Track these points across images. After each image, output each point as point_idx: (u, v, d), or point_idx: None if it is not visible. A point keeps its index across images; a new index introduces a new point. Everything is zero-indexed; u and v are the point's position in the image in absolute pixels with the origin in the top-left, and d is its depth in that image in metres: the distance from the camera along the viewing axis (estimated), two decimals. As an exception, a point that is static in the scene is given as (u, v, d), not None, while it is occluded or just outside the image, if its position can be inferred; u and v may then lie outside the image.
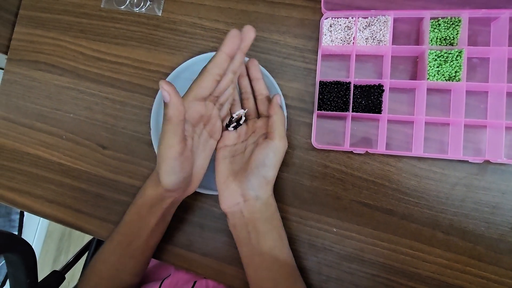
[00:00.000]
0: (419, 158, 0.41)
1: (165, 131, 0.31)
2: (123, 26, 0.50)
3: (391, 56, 0.40)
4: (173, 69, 0.47)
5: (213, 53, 0.46)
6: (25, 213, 1.24)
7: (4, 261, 0.63)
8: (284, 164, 0.44)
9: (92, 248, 0.69)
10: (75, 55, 0.51)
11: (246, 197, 0.36)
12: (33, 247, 0.56)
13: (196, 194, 0.45)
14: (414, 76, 0.42)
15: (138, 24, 0.50)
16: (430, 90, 0.40)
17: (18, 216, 1.24)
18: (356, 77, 0.42)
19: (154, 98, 0.46)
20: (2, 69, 0.55)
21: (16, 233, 1.20)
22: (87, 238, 1.25)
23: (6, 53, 0.54)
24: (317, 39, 0.44)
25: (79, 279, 0.41)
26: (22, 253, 0.58)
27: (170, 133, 0.30)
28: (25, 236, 1.20)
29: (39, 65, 0.52)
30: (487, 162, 0.39)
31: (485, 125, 0.39)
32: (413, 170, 0.41)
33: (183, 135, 0.31)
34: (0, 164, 0.52)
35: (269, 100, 0.38)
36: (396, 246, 0.40)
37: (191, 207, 0.46)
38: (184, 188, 0.37)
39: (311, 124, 0.43)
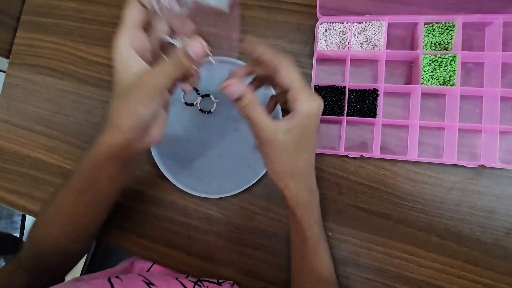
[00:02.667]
0: (414, 162, 0.41)
1: (162, 70, 0.29)
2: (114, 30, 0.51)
3: (386, 60, 0.41)
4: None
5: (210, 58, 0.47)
6: (27, 215, 1.25)
7: (4, 263, 0.64)
8: (280, 168, 0.44)
9: (91, 249, 0.69)
10: (75, 60, 0.52)
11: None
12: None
13: (192, 197, 0.45)
14: (409, 80, 0.42)
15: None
16: (425, 95, 0.40)
17: (20, 218, 1.25)
18: (351, 81, 0.42)
19: (152, 102, 0.47)
20: (4, 72, 0.56)
21: (17, 235, 1.21)
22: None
23: (8, 57, 0.55)
24: (312, 43, 0.44)
25: (28, 235, 0.38)
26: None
27: (168, 73, 0.29)
28: (27, 237, 1.21)
29: (40, 69, 0.53)
30: (482, 166, 0.39)
31: (480, 129, 0.40)
32: (408, 174, 0.41)
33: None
34: (1, 167, 0.52)
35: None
36: (392, 250, 0.40)
37: (187, 210, 0.46)
38: (144, 134, 0.32)
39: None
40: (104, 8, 0.52)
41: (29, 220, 1.23)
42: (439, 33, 0.40)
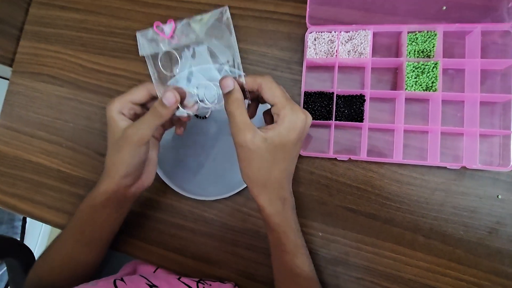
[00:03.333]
0: (400, 165, 0.43)
1: (144, 121, 0.33)
2: (121, 40, 0.53)
3: (372, 67, 0.43)
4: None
5: (206, 65, 0.49)
6: (28, 219, 1.26)
7: (5, 268, 0.65)
8: (272, 171, 0.46)
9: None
10: (76, 68, 0.54)
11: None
12: (35, 252, 0.58)
13: (187, 199, 0.47)
14: (394, 86, 0.44)
15: (135, 38, 0.52)
16: (409, 100, 0.42)
17: (20, 223, 1.26)
18: (339, 87, 0.44)
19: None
20: (7, 79, 0.58)
21: (18, 239, 1.22)
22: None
23: (11, 65, 0.57)
24: (302, 51, 0.46)
25: (32, 268, 0.42)
26: (23, 258, 0.60)
27: (148, 123, 0.33)
28: (28, 242, 1.22)
29: (42, 77, 0.55)
30: (464, 168, 0.41)
31: (462, 132, 0.41)
32: (394, 176, 0.43)
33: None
34: (3, 171, 0.54)
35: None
36: (379, 249, 0.42)
37: (183, 212, 0.47)
38: (136, 179, 0.38)
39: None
40: (103, 18, 0.54)
41: (30, 224, 1.24)
42: (421, 41, 0.42)
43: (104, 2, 0.54)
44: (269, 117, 0.39)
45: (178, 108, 0.34)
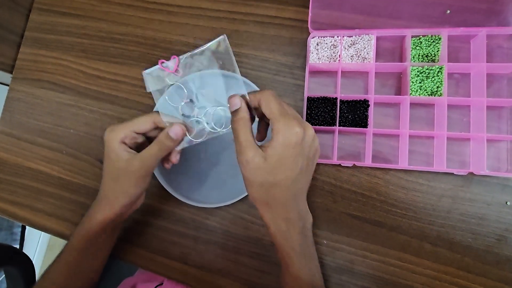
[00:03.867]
0: (406, 171, 0.42)
1: (150, 153, 0.34)
2: (121, 46, 0.53)
3: (376, 72, 0.42)
4: (170, 86, 0.49)
5: (208, 71, 0.48)
6: (27, 227, 1.25)
7: (3, 276, 0.64)
8: (275, 177, 0.45)
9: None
10: (76, 74, 0.54)
11: None
12: (34, 260, 0.57)
13: (189, 207, 0.46)
14: (398, 91, 0.43)
15: (136, 44, 0.52)
16: (414, 105, 0.42)
17: (20, 230, 1.25)
18: (342, 92, 0.43)
19: (150, 114, 0.48)
20: (7, 85, 0.58)
21: (17, 246, 1.21)
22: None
23: (11, 72, 0.56)
24: (305, 56, 0.46)
25: None
26: (21, 266, 0.59)
27: (155, 155, 0.34)
28: (27, 249, 1.21)
29: (42, 83, 0.55)
30: (472, 174, 0.40)
31: (469, 138, 0.41)
32: (400, 182, 0.42)
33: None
34: (2, 178, 0.54)
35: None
36: (385, 257, 0.41)
37: (184, 220, 0.47)
38: (131, 206, 0.39)
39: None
40: (104, 24, 0.54)
41: (29, 231, 1.24)
42: (426, 46, 0.42)
43: (104, 8, 0.54)
44: (261, 131, 0.38)
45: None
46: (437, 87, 0.40)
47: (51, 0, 0.57)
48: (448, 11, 0.43)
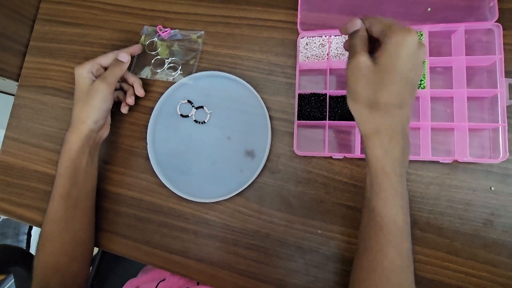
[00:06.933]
0: (394, 161, 0.44)
1: (109, 72, 0.46)
2: (122, 52, 0.55)
3: (362, 68, 0.44)
4: (168, 88, 0.51)
5: (205, 72, 0.51)
6: (32, 233, 1.27)
7: (13, 280, 0.66)
8: (270, 171, 0.47)
9: (97, 260, 0.72)
10: (79, 80, 0.56)
11: None
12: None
13: (189, 202, 0.48)
14: (385, 86, 0.45)
15: (135, 49, 0.55)
16: (400, 98, 0.44)
17: (25, 237, 1.27)
18: (331, 88, 0.45)
19: (150, 115, 0.51)
20: (12, 94, 0.60)
21: (23, 252, 1.22)
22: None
23: (17, 80, 0.59)
24: (295, 56, 0.48)
25: (36, 250, 0.45)
26: (30, 268, 0.61)
27: (113, 74, 0.46)
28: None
29: (47, 90, 0.57)
30: (457, 162, 0.42)
31: (453, 127, 0.43)
32: (389, 172, 0.44)
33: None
34: (10, 182, 0.56)
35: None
36: (378, 245, 0.43)
37: (185, 215, 0.49)
38: (100, 128, 0.47)
39: (293, 134, 0.46)
40: (105, 32, 0.57)
41: (35, 238, 1.26)
42: (409, 42, 0.44)
43: (104, 17, 0.57)
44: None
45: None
46: (421, 80, 0.42)
47: (54, 10, 0.60)
48: (429, 9, 0.45)
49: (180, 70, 0.52)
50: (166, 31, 0.52)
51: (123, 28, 0.56)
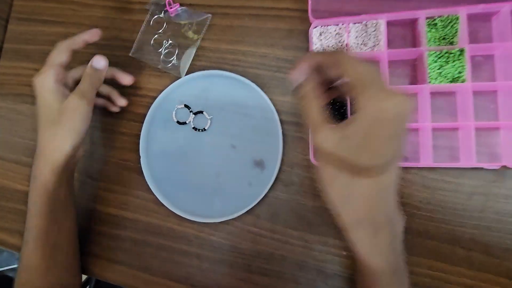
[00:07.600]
0: (429, 168, 0.37)
1: (86, 84, 0.37)
2: (109, 52, 0.48)
3: (388, 61, 0.38)
4: (161, 91, 0.45)
5: (202, 72, 0.44)
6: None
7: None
8: (283, 184, 0.41)
9: (92, 284, 0.66)
10: (61, 85, 0.50)
11: None
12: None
13: (191, 222, 0.42)
14: (414, 80, 0.39)
15: (124, 48, 0.48)
16: (433, 94, 0.37)
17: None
18: (352, 86, 0.39)
19: (142, 123, 0.44)
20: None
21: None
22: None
23: (-9, 88, 0.53)
24: (307, 49, 0.42)
25: None
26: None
27: (91, 84, 0.37)
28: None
29: (25, 98, 0.51)
30: (505, 167, 0.35)
31: (498, 126, 0.36)
32: (424, 181, 0.38)
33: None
34: (-12, 204, 0.50)
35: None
36: (414, 267, 0.37)
37: (187, 237, 0.42)
38: (77, 149, 0.38)
39: (308, 140, 0.40)
40: (88, 29, 0.50)
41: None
42: (442, 27, 0.37)
43: (86, 12, 0.50)
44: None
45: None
46: (459, 72, 0.36)
47: (30, 8, 0.53)
48: (464, -12, 0.38)
49: (175, 57, 0.45)
50: (174, 6, 0.46)
51: (109, 24, 0.49)
